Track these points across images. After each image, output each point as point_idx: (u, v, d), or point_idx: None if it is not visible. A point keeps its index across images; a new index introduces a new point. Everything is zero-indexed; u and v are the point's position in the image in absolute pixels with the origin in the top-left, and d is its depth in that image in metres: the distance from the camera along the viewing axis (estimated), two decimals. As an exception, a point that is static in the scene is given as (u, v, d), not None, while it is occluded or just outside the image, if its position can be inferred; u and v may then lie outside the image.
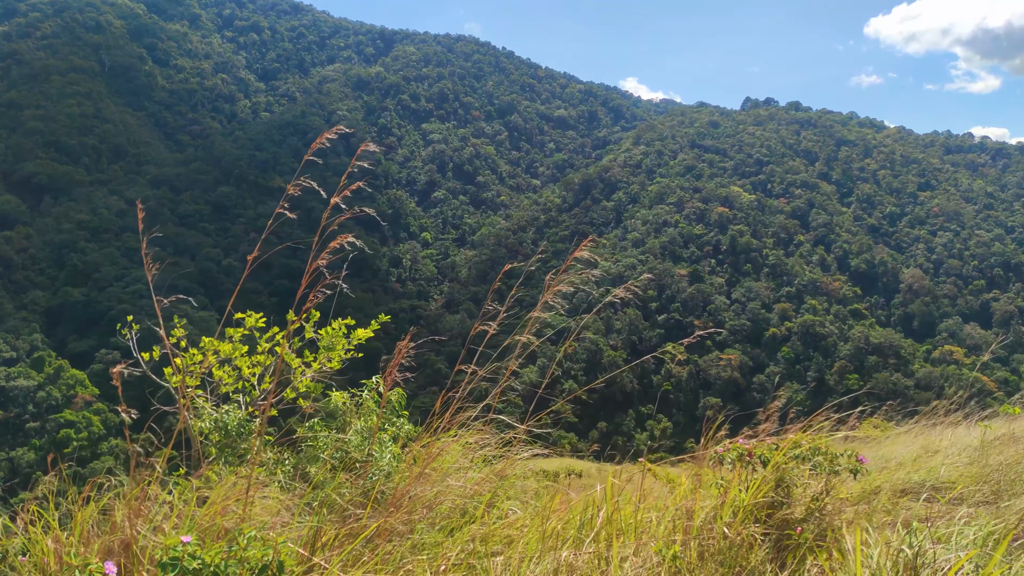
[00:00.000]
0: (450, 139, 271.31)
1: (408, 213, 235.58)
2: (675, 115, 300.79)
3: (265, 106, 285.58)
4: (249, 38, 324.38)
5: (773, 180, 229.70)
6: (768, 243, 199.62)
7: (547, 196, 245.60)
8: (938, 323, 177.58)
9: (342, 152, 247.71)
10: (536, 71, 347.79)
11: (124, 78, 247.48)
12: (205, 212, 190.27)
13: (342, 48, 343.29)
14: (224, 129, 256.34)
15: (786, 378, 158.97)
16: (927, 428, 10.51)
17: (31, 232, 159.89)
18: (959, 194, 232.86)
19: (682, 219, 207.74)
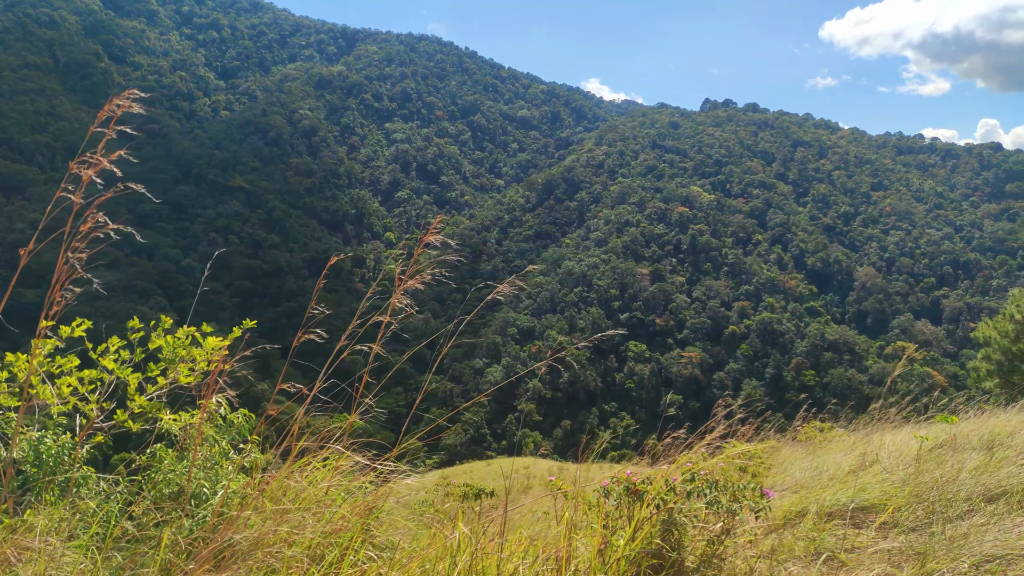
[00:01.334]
0: (413, 139, 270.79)
1: (371, 213, 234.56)
2: (636, 116, 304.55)
3: (225, 104, 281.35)
4: (208, 35, 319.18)
5: (732, 180, 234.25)
6: (727, 242, 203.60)
7: (511, 196, 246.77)
8: (890, 320, 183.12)
9: (304, 151, 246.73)
10: (499, 71, 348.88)
11: (79, 75, 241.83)
12: (163, 212, 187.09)
13: (304, 47, 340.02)
14: (183, 127, 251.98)
15: (745, 375, 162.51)
16: (872, 431, 10.98)
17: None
18: (910, 194, 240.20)
19: (643, 219, 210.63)
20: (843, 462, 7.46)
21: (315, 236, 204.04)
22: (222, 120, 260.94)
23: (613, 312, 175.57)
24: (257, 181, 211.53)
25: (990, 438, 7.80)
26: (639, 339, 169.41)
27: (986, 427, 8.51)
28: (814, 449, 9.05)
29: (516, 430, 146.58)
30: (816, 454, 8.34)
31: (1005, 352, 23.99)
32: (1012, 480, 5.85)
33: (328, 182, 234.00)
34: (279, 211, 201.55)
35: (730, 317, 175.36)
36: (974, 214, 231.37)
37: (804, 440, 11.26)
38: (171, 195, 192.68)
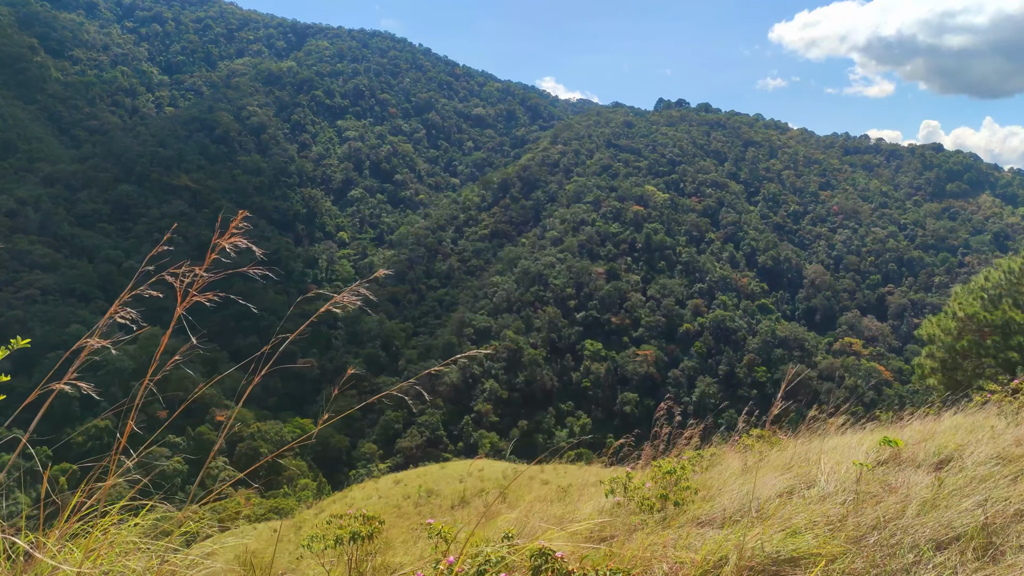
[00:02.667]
0: (367, 136, 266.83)
1: (324, 212, 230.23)
2: (591, 115, 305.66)
3: (169, 100, 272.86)
4: (152, 29, 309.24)
5: (685, 179, 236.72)
6: (681, 241, 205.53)
7: (466, 195, 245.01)
8: (838, 316, 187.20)
9: (252, 149, 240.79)
10: (454, 69, 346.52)
11: (13, 69, 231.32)
12: (105, 212, 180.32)
13: (252, 41, 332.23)
14: (125, 124, 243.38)
15: (699, 372, 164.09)
16: (815, 435, 10.22)
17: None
18: (857, 193, 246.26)
19: (599, 218, 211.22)
20: (778, 484, 6.70)
21: (265, 236, 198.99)
22: (166, 117, 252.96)
23: (569, 311, 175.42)
24: (204, 180, 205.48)
25: (938, 452, 7.11)
26: (595, 338, 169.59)
27: (933, 440, 7.82)
28: (751, 467, 8.17)
29: (472, 431, 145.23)
30: (750, 474, 7.44)
31: (948, 349, 23.99)
32: (964, 520, 5.02)
33: (278, 181, 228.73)
34: (227, 210, 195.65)
35: (684, 315, 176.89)
36: (917, 213, 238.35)
37: (743, 449, 10.12)
38: (112, 194, 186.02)
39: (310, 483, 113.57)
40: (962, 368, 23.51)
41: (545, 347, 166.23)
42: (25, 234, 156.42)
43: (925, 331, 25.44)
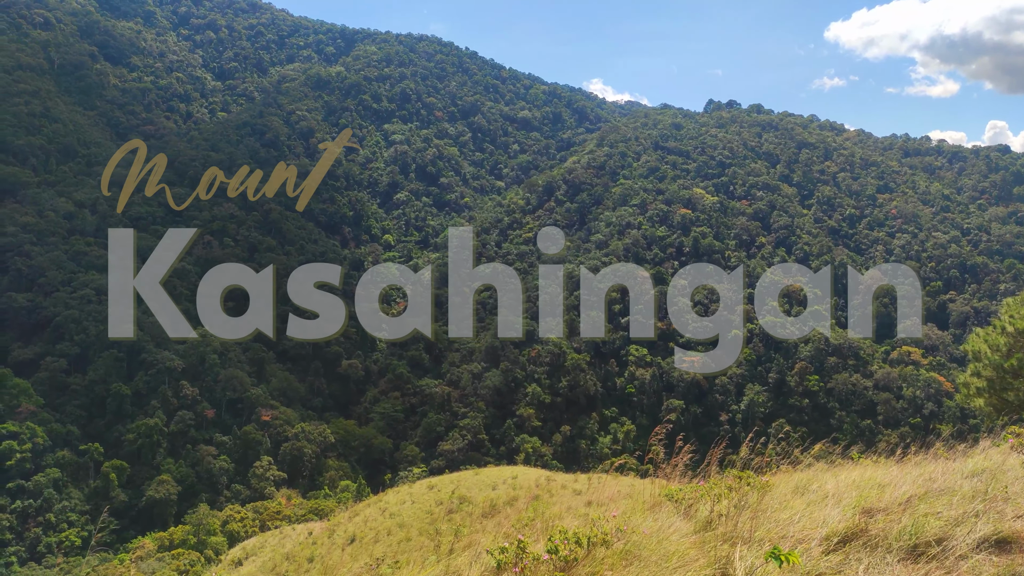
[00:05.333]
0: (413, 140, 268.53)
1: (370, 215, 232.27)
2: (639, 117, 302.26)
3: (222, 106, 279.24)
4: (205, 36, 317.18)
5: (735, 182, 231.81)
6: (730, 245, 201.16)
7: (511, 198, 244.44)
8: (896, 324, 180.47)
9: (301, 152, 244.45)
10: (500, 72, 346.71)
11: (74, 76, 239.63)
12: (158, 214, 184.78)
13: (302, 47, 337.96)
14: (179, 129, 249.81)
15: (748, 379, 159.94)
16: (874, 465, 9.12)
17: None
18: (917, 196, 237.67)
19: (645, 221, 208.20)
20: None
21: (312, 239, 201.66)
22: (219, 121, 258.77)
23: (614, 315, 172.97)
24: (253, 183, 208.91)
25: (915, 532, 5.97)
26: (640, 343, 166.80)
27: (916, 508, 6.77)
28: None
29: (514, 436, 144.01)
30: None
31: (996, 368, 21.45)
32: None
33: (326, 184, 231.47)
34: (275, 213, 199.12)
35: (733, 321, 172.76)
36: (982, 217, 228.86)
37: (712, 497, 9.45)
38: (165, 197, 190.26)
39: (351, 485, 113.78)
40: (1013, 388, 21.06)
41: (589, 351, 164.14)
42: (82, 235, 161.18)
43: (971, 346, 23.03)
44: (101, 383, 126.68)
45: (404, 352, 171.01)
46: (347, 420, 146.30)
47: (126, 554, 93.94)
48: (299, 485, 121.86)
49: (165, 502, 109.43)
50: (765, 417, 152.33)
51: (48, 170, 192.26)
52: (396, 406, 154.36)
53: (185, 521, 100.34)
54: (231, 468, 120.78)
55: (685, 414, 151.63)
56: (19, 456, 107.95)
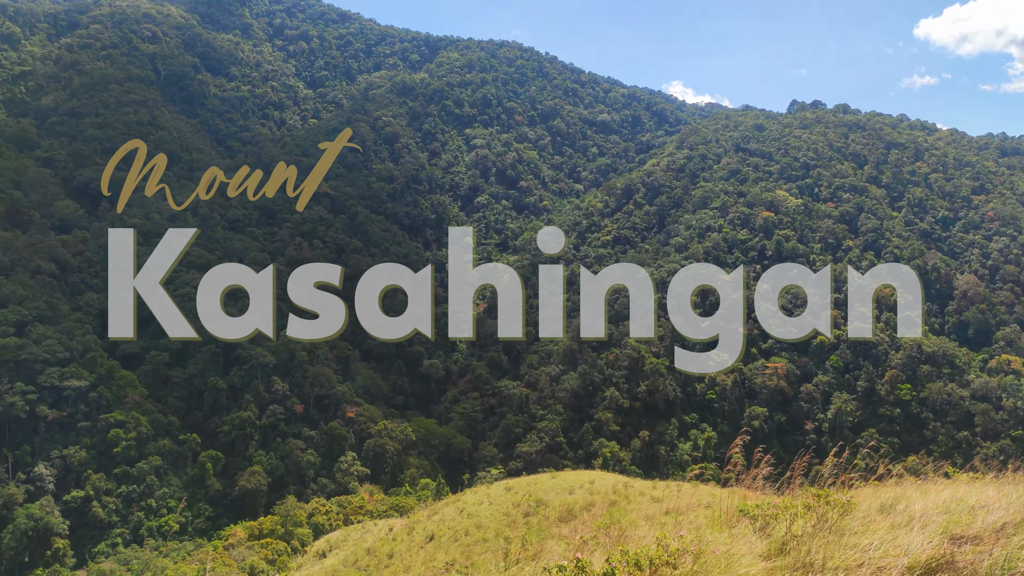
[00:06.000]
0: (493, 144, 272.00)
1: (451, 218, 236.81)
2: (719, 119, 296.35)
3: (313, 113, 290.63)
4: (298, 47, 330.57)
5: (820, 184, 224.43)
6: (815, 248, 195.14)
7: (589, 200, 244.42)
8: (994, 331, 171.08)
9: (386, 157, 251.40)
10: (579, 76, 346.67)
11: (178, 86, 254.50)
12: (253, 217, 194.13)
13: (388, 55, 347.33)
14: (273, 135, 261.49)
15: (835, 387, 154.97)
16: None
17: (87, 236, 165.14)
18: (1015, 198, 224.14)
19: (726, 224, 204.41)
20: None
21: (396, 241, 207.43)
22: (310, 128, 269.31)
23: (694, 319, 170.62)
24: (341, 187, 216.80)
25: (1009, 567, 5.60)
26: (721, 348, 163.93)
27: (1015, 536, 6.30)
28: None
29: (592, 439, 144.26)
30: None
31: None
32: None
33: (409, 187, 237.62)
34: (361, 216, 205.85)
35: (819, 325, 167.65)
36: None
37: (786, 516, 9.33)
38: (260, 201, 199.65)
39: (430, 483, 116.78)
40: None
41: (668, 356, 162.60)
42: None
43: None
44: (199, 377, 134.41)
45: (483, 353, 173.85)
46: (427, 419, 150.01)
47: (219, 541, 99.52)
48: (381, 481, 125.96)
49: (256, 492, 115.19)
50: (853, 427, 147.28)
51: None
52: (475, 406, 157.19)
53: (274, 512, 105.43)
54: (317, 462, 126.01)
55: (768, 422, 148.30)
56: (125, 444, 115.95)
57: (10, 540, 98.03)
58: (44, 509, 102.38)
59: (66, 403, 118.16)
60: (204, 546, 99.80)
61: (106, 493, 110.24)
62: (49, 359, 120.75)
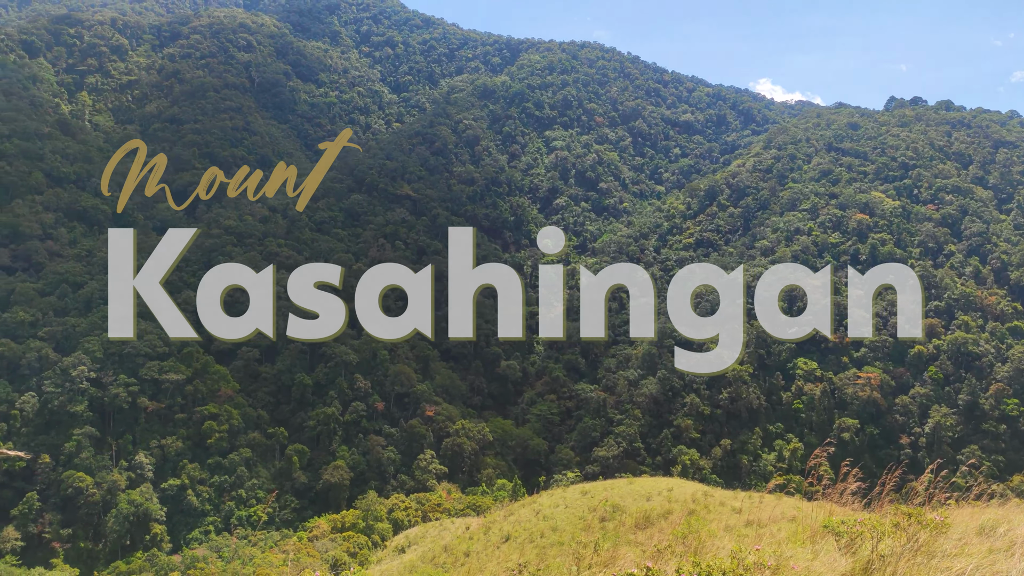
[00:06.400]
0: (573, 146, 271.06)
1: (530, 220, 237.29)
2: (810, 117, 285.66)
3: (397, 117, 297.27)
4: (384, 52, 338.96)
5: (920, 185, 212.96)
6: (914, 253, 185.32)
7: (671, 202, 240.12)
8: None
9: (467, 160, 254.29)
10: (662, 75, 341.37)
11: (270, 93, 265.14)
12: (339, 218, 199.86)
13: (470, 59, 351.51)
14: (359, 139, 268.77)
15: (933, 400, 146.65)
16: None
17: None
18: None
19: (816, 226, 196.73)
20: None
21: (475, 243, 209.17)
22: (393, 132, 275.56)
23: (780, 326, 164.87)
24: (423, 189, 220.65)
25: None
26: (810, 356, 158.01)
27: None
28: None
29: (671, 446, 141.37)
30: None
31: None
32: None
33: (489, 190, 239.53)
34: (442, 218, 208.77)
35: (916, 335, 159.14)
36: None
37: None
38: (346, 203, 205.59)
39: (506, 484, 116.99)
40: None
41: (752, 363, 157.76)
42: (274, 238, 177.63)
43: None
44: (287, 373, 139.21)
45: (561, 356, 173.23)
46: (504, 420, 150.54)
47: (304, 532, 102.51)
48: (458, 480, 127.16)
49: (339, 486, 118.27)
50: (953, 443, 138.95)
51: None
52: (552, 409, 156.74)
53: (355, 506, 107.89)
54: (397, 459, 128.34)
55: (860, 435, 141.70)
56: (218, 435, 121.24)
57: (113, 524, 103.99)
58: (144, 496, 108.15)
59: (164, 395, 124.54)
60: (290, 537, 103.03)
61: (200, 482, 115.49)
62: (150, 353, 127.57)
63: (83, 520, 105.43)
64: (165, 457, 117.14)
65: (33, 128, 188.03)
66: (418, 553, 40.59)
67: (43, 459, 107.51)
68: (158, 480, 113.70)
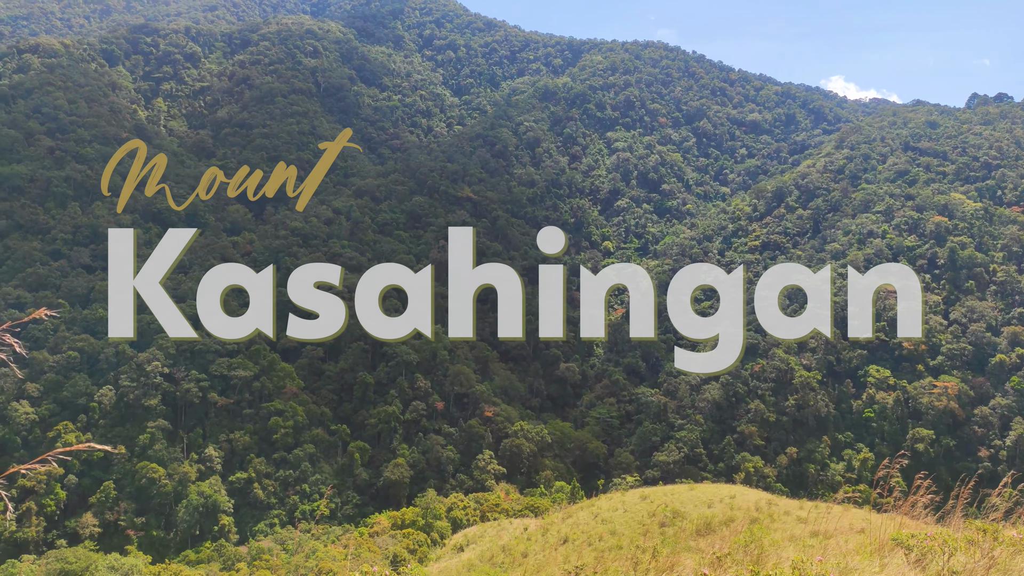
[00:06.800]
0: (635, 147, 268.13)
1: (591, 222, 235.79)
2: (885, 115, 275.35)
3: (458, 119, 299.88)
4: (446, 56, 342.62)
5: (1004, 186, 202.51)
6: (996, 257, 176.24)
7: (736, 204, 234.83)
8: None
9: (527, 162, 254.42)
10: (728, 74, 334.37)
11: (335, 97, 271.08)
12: (401, 220, 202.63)
13: (531, 61, 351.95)
14: (420, 142, 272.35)
15: (1016, 412, 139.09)
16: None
17: (254, 237, 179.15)
18: None
19: (890, 229, 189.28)
20: None
21: (534, 245, 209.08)
22: (455, 134, 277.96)
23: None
24: (483, 191, 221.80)
25: None
26: (882, 363, 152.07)
27: None
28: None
29: (734, 453, 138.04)
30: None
31: None
32: None
33: (549, 192, 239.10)
34: (502, 220, 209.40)
35: (998, 344, 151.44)
36: None
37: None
38: (407, 205, 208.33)
39: (565, 486, 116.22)
40: None
41: (821, 370, 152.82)
42: (338, 239, 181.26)
43: None
44: (349, 371, 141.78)
45: (620, 359, 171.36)
46: (563, 422, 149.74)
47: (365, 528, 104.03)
48: (517, 481, 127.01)
49: (399, 484, 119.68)
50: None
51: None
52: (611, 412, 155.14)
53: (415, 503, 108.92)
54: (456, 458, 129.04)
55: (935, 446, 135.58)
56: (283, 431, 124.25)
57: (184, 514, 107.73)
58: (213, 488, 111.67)
59: (233, 391, 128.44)
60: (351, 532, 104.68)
61: (266, 476, 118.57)
62: (220, 350, 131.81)
63: (155, 509, 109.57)
64: (233, 451, 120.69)
65: (112, 133, 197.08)
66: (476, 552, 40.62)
67: (119, 450, 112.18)
68: (226, 473, 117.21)
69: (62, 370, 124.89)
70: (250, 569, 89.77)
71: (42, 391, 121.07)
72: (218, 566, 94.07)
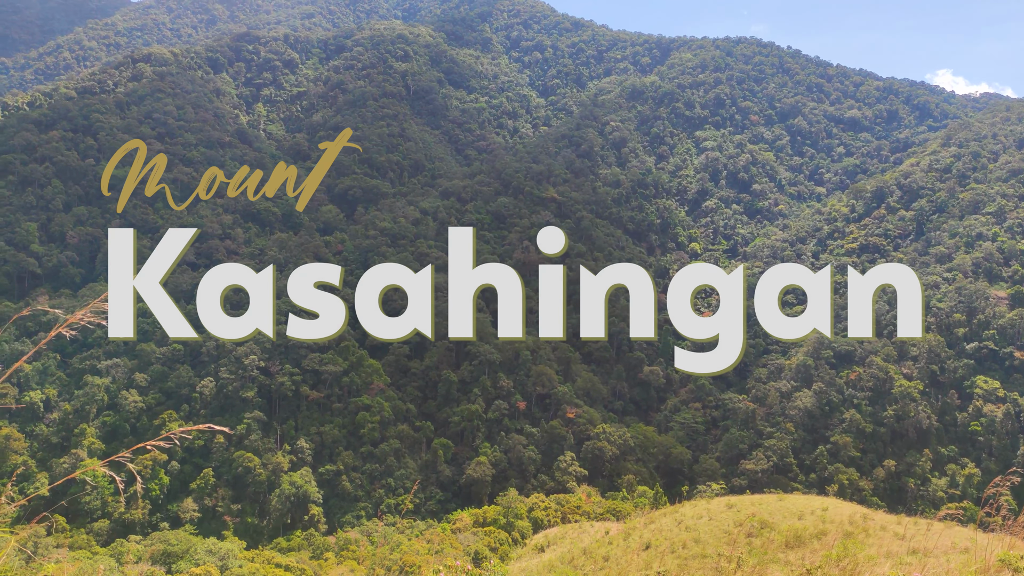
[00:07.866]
0: (725, 146, 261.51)
1: (677, 223, 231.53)
2: (998, 111, 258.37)
3: (544, 120, 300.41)
4: (532, 57, 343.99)
5: None
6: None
7: (832, 204, 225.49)
8: None
9: (613, 162, 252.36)
10: (826, 70, 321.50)
11: (424, 100, 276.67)
12: (486, 221, 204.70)
13: (619, 60, 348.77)
14: (506, 143, 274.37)
15: None
16: None
17: (345, 237, 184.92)
18: None
19: (1002, 231, 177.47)
20: None
21: (619, 246, 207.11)
22: (541, 135, 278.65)
23: (956, 340, 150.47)
24: (568, 192, 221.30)
25: None
26: (990, 374, 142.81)
27: None
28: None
29: (827, 464, 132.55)
30: None
31: None
32: None
33: (635, 192, 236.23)
34: (586, 221, 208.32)
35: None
36: None
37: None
38: (492, 206, 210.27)
39: (647, 491, 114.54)
40: None
41: (923, 379, 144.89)
42: (424, 239, 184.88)
43: None
44: (434, 369, 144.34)
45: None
46: (646, 426, 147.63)
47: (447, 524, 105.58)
48: (598, 484, 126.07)
49: (481, 482, 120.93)
50: None
51: (402, 182, 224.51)
52: (696, 417, 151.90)
53: (496, 502, 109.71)
54: (538, 458, 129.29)
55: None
56: (370, 426, 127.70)
57: (276, 503, 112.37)
58: (304, 479, 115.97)
59: (323, 385, 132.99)
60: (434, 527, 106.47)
61: (353, 469, 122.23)
62: (311, 346, 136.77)
63: (250, 497, 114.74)
64: (323, 443, 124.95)
65: (216, 137, 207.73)
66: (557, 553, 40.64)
67: (218, 439, 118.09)
68: (316, 464, 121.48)
69: (167, 361, 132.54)
70: (338, 559, 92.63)
71: (149, 381, 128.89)
72: (308, 554, 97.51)
